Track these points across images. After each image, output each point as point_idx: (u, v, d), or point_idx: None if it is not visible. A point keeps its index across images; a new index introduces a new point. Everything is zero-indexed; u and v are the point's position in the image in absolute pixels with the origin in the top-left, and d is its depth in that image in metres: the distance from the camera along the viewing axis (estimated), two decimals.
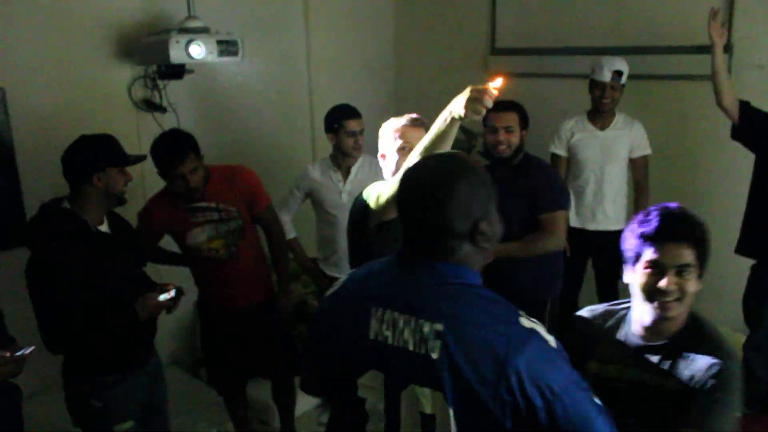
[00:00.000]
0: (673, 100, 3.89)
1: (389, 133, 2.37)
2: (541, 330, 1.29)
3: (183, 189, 2.81)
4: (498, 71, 1.95)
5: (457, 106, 1.86)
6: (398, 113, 2.59)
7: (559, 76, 4.13)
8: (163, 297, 2.41)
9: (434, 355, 1.27)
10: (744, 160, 3.29)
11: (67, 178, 2.35)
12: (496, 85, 1.85)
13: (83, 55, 3.43)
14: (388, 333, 1.35)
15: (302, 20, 4.45)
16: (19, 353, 2.01)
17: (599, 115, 3.60)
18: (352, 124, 3.34)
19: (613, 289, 3.73)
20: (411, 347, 1.31)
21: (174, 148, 2.78)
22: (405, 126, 2.36)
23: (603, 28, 4.06)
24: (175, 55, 3.27)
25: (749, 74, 3.60)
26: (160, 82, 3.65)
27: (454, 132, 1.91)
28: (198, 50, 3.30)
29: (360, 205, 2.25)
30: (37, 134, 3.28)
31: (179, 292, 2.46)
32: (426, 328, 1.30)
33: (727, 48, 3.63)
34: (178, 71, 3.50)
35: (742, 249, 3.22)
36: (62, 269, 2.24)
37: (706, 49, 3.67)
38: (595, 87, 3.53)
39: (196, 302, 3.22)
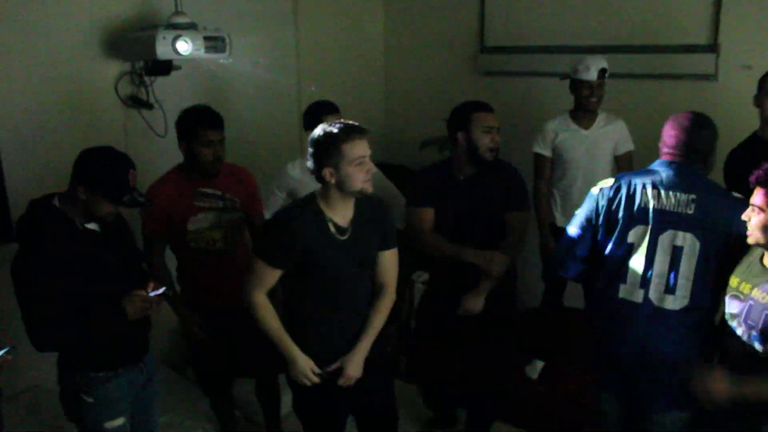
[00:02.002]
0: (661, 98, 3.91)
1: (334, 146, 2.26)
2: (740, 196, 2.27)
3: (209, 157, 2.86)
4: None
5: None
6: (388, 110, 2.61)
7: (548, 75, 4.14)
8: (153, 293, 2.39)
9: (691, 212, 2.28)
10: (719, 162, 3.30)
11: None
12: None
13: (69, 49, 3.41)
14: (654, 201, 2.32)
15: (291, 17, 4.43)
16: None
17: (584, 114, 3.59)
18: (332, 120, 3.34)
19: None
20: (674, 208, 2.30)
21: (213, 114, 2.89)
22: (357, 138, 2.28)
23: (593, 26, 4.07)
24: (162, 51, 3.25)
25: (736, 75, 3.62)
26: (147, 78, 3.62)
27: None
28: (185, 46, 3.29)
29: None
30: (22, 129, 3.25)
31: (168, 291, 2.45)
32: (685, 197, 2.29)
33: (714, 48, 3.65)
34: (165, 67, 3.49)
35: None
36: (47, 266, 2.21)
37: (693, 48, 3.72)
38: (582, 86, 3.50)
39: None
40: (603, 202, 2.42)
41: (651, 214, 2.32)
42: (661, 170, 2.37)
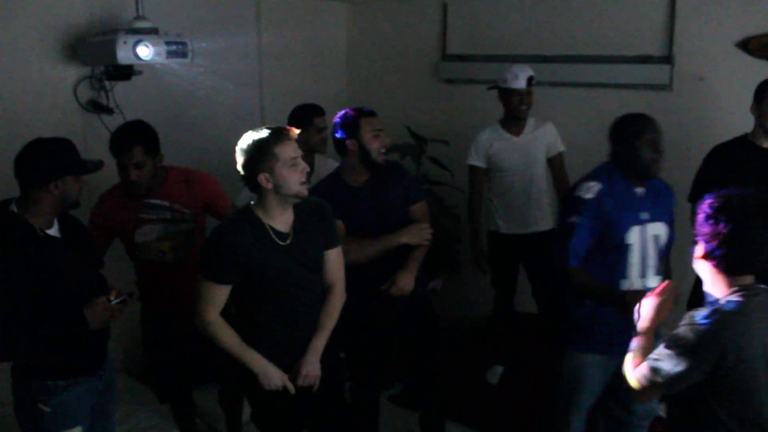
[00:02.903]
0: (618, 107, 3.98)
1: (267, 150, 2.28)
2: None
3: (126, 180, 2.81)
4: None
5: None
6: None
7: None
8: (115, 301, 2.36)
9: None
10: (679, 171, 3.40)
11: (20, 181, 2.28)
12: None
13: (27, 53, 3.35)
14: None
15: (254, 23, 4.42)
16: None
17: (515, 122, 3.67)
18: (320, 121, 3.50)
19: (550, 290, 3.79)
20: None
21: (121, 138, 2.81)
22: (286, 139, 2.31)
23: (553, 37, 4.15)
24: (123, 55, 3.21)
25: (690, 86, 3.73)
26: (107, 83, 3.57)
27: None
28: (146, 51, 3.26)
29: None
30: None
31: (130, 297, 2.44)
32: None
33: (668, 59, 3.75)
34: (125, 72, 3.44)
35: None
36: (4, 274, 2.17)
37: (649, 59, 3.83)
38: (513, 95, 3.60)
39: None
40: None
41: None
42: None
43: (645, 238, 2.62)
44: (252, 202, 2.40)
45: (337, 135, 2.92)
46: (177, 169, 2.99)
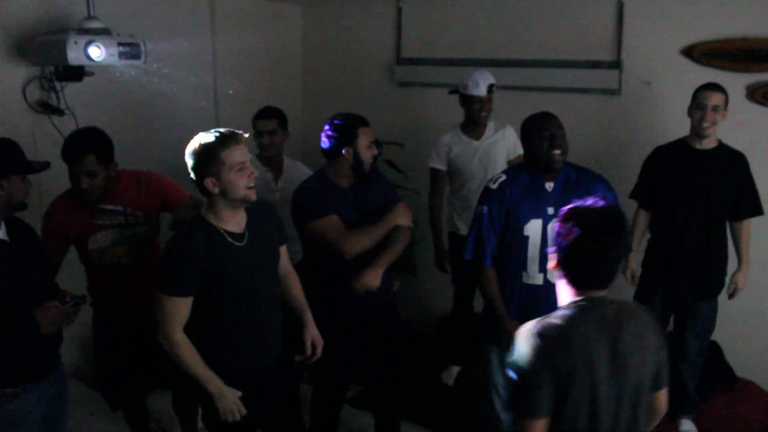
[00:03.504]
0: (569, 111, 4.07)
1: (212, 154, 2.25)
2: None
3: (77, 188, 2.77)
4: None
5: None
6: (305, 119, 2.63)
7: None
8: (70, 303, 2.34)
9: None
10: (628, 171, 3.50)
11: None
12: None
13: None
14: None
15: (208, 25, 4.39)
16: None
17: (475, 126, 3.73)
18: (261, 124, 3.56)
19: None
20: None
21: (72, 147, 2.75)
22: (233, 144, 2.28)
23: (505, 42, 4.23)
24: (73, 56, 3.16)
25: (637, 90, 3.84)
26: (57, 84, 3.51)
27: None
28: (98, 52, 3.21)
29: None
30: None
31: (83, 300, 2.40)
32: None
33: (617, 65, 3.86)
34: (76, 73, 3.39)
35: None
36: None
37: (599, 65, 3.92)
38: (473, 101, 3.64)
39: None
40: None
41: None
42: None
43: (547, 232, 2.71)
44: (203, 208, 2.39)
45: (331, 140, 2.92)
46: (127, 173, 2.96)
